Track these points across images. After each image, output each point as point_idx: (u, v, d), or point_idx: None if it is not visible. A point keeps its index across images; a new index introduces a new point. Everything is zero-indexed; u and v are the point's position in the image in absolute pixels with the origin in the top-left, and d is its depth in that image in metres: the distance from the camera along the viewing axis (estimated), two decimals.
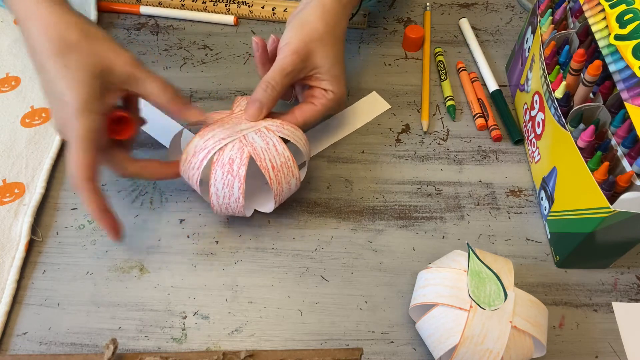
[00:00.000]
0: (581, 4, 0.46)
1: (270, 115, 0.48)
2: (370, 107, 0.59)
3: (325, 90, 0.50)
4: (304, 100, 0.51)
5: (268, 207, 0.48)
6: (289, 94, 0.54)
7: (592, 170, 0.41)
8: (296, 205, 0.51)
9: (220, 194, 0.45)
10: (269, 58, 0.50)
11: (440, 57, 0.63)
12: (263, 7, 0.67)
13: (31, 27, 0.41)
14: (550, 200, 0.48)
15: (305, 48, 0.47)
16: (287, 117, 0.49)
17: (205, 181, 0.47)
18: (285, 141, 0.46)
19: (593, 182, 0.40)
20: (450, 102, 0.59)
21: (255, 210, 0.49)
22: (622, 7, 0.41)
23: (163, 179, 0.47)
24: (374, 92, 0.60)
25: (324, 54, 0.48)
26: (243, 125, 0.46)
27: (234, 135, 0.45)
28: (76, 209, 0.50)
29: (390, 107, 0.59)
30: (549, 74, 0.48)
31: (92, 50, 0.42)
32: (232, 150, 0.44)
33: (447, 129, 0.58)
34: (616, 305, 0.46)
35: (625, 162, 0.40)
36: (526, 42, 0.56)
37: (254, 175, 0.48)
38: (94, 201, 0.42)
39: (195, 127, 0.47)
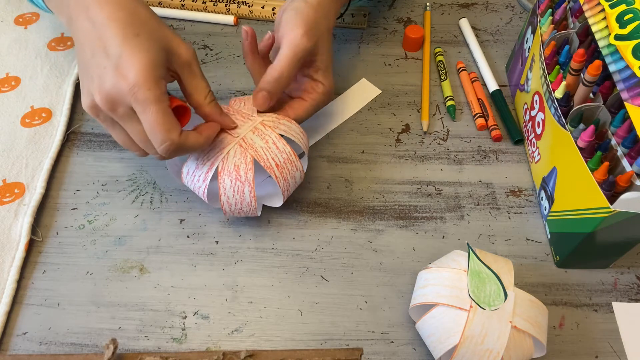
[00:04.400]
0: (581, 4, 0.46)
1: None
2: (361, 93, 0.60)
3: (315, 82, 0.50)
4: (294, 95, 0.51)
5: (276, 202, 0.48)
6: None
7: (592, 170, 0.41)
8: (296, 205, 0.51)
9: (232, 201, 0.45)
10: (260, 51, 0.50)
11: (440, 57, 0.63)
12: (263, 7, 0.67)
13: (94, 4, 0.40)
14: (550, 200, 0.48)
15: (313, 32, 0.47)
16: (279, 115, 0.49)
17: (211, 188, 0.47)
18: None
19: (593, 182, 0.40)
20: (450, 102, 0.59)
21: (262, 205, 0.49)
22: (622, 7, 0.41)
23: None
24: (364, 79, 0.61)
25: (324, 41, 0.49)
26: (240, 129, 0.47)
27: (233, 140, 0.45)
28: (76, 209, 0.50)
29: (380, 91, 0.60)
30: (549, 74, 0.48)
31: (160, 28, 0.42)
32: (235, 156, 0.44)
33: (447, 129, 0.58)
34: (616, 305, 0.46)
35: (625, 162, 0.40)
36: (526, 42, 0.56)
37: (255, 172, 0.48)
38: (198, 138, 0.42)
39: None
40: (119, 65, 0.39)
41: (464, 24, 0.67)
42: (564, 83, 0.46)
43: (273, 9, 0.67)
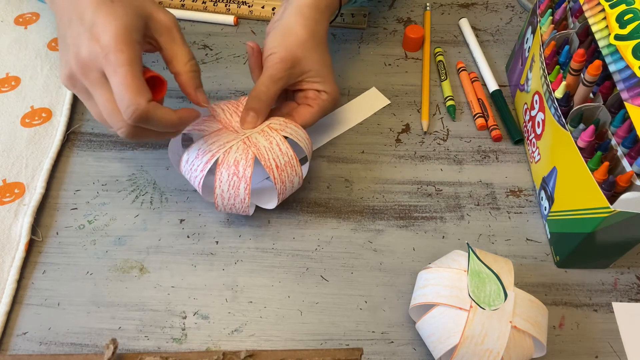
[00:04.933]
0: (581, 4, 0.46)
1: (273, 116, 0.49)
2: (370, 102, 0.60)
3: (318, 91, 0.50)
4: (300, 103, 0.51)
5: (270, 204, 0.48)
6: (282, 100, 0.54)
7: (592, 170, 0.41)
8: (296, 205, 0.51)
9: (226, 195, 0.45)
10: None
11: (440, 57, 0.63)
12: (263, 7, 0.67)
13: None
14: (550, 200, 0.48)
15: (291, 56, 0.48)
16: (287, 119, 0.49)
17: (206, 182, 0.47)
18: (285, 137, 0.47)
19: (593, 182, 0.40)
20: (450, 102, 0.59)
21: (255, 206, 0.49)
22: (622, 7, 0.41)
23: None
24: (374, 88, 0.61)
25: (309, 59, 0.49)
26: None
27: (237, 137, 0.45)
28: (76, 209, 0.50)
29: (389, 102, 0.60)
30: (549, 74, 0.48)
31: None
32: (237, 152, 0.44)
33: (447, 129, 0.58)
34: (616, 305, 0.46)
35: (625, 162, 0.40)
36: (526, 42, 0.56)
37: (254, 172, 0.48)
38: (169, 114, 0.40)
39: (198, 131, 0.47)
40: (92, 30, 0.39)
41: (464, 24, 0.67)
42: (564, 83, 0.46)
43: (273, 9, 0.67)
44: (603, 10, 0.43)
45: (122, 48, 0.38)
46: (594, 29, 0.43)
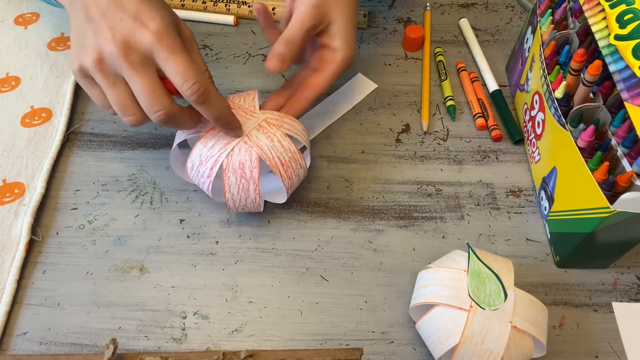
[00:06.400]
0: (581, 4, 0.46)
1: (284, 95, 0.50)
2: (357, 88, 0.60)
3: (333, 50, 0.50)
4: (313, 66, 0.51)
5: (279, 198, 0.49)
6: (301, 57, 0.54)
7: (592, 170, 0.41)
8: (296, 205, 0.51)
9: (237, 198, 0.45)
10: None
11: (440, 57, 0.63)
12: None
13: None
14: (550, 200, 0.48)
15: (323, 2, 0.48)
16: (302, 92, 0.50)
17: (215, 184, 0.47)
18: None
19: (593, 182, 0.40)
20: (450, 102, 0.59)
21: (265, 202, 0.50)
22: (622, 7, 0.41)
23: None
24: (359, 74, 0.61)
25: (339, 9, 0.49)
26: (243, 125, 0.46)
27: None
28: (76, 209, 0.50)
29: (377, 86, 0.60)
30: (549, 74, 0.48)
31: (168, 4, 0.45)
32: (240, 153, 0.44)
33: (447, 129, 0.58)
34: (616, 305, 0.46)
35: (625, 162, 0.40)
36: (526, 42, 0.56)
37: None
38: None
39: (195, 134, 0.47)
40: (138, 16, 0.40)
41: (464, 24, 0.67)
42: (564, 83, 0.46)
43: (273, 9, 0.67)
44: (603, 10, 0.43)
45: (175, 35, 0.41)
46: (594, 29, 0.43)
